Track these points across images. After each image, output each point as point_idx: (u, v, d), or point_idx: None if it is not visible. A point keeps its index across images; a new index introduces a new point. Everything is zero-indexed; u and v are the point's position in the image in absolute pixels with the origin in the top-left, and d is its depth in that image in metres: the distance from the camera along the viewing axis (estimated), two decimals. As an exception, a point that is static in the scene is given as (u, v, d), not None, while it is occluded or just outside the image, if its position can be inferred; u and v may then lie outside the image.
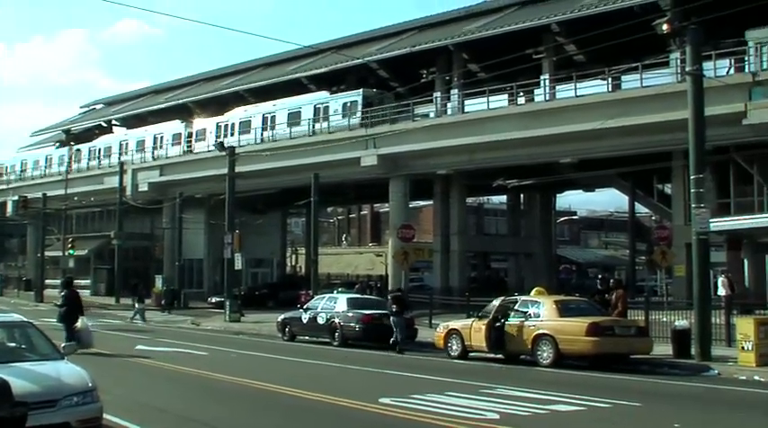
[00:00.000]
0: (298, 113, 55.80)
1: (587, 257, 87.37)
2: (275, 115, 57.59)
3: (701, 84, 22.99)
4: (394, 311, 28.16)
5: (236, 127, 59.64)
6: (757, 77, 37.62)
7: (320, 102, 54.83)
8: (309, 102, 55.58)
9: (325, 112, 53.98)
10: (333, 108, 53.74)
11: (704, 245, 22.73)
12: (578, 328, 21.50)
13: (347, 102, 53.02)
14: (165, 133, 66.55)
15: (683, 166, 37.48)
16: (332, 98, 54.93)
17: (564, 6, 48.90)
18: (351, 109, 52.40)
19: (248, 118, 59.43)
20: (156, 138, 67.21)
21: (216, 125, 61.46)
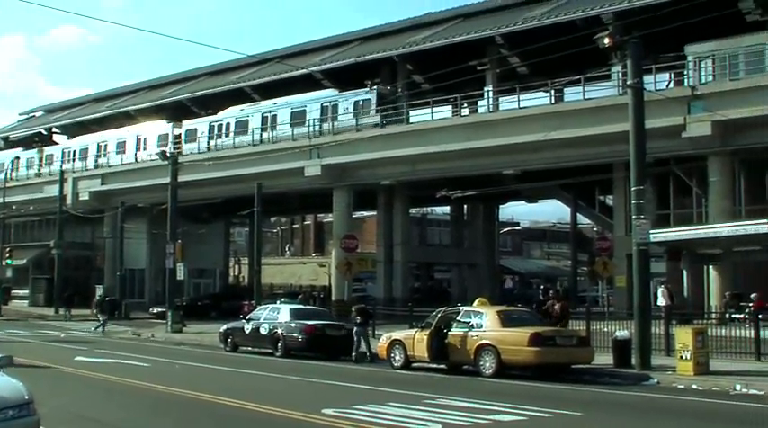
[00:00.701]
0: (302, 113, 52.97)
1: (530, 268, 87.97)
2: (276, 114, 54.70)
3: (642, 98, 23.28)
4: (358, 323, 28.73)
5: (232, 126, 57.12)
6: (696, 91, 38.28)
7: (328, 100, 52.52)
8: (315, 100, 53.00)
9: (333, 111, 51.55)
10: (342, 106, 51.37)
11: (644, 256, 22.98)
12: (520, 338, 21.60)
13: (359, 100, 50.87)
14: (149, 136, 62.84)
15: (624, 178, 37.98)
16: (341, 96, 52.45)
17: (508, 19, 49.35)
18: (364, 107, 50.42)
19: (245, 117, 56.53)
20: (139, 140, 63.45)
21: (209, 125, 58.77)
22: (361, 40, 59.89)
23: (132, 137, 63.95)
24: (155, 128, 62.73)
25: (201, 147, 57.53)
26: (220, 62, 67.51)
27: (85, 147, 67.78)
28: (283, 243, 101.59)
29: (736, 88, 37.84)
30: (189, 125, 60.21)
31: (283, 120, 53.47)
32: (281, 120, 53.57)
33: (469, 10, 56.28)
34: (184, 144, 58.02)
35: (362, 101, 50.36)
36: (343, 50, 58.69)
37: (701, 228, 38.33)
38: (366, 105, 50.08)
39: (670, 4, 40.35)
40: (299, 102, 53.22)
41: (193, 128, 59.57)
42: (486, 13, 54.09)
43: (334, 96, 52.43)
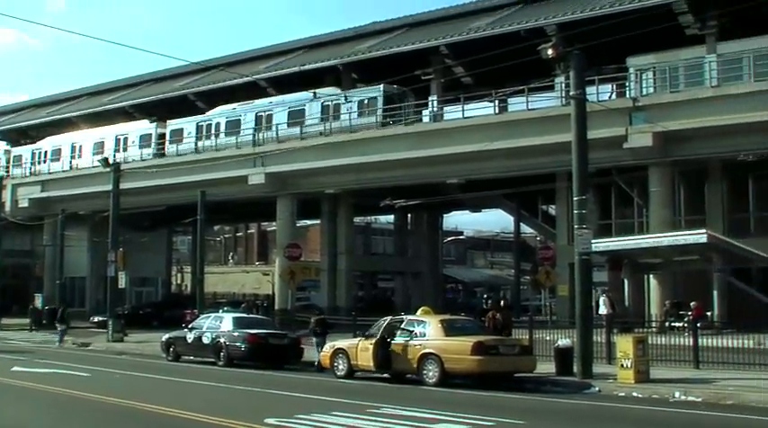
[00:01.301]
0: (301, 112, 50.55)
1: (473, 277, 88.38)
2: (271, 114, 52.09)
3: (584, 108, 23.51)
4: (318, 332, 29.10)
5: (222, 126, 54.34)
6: (637, 103, 38.86)
7: (330, 99, 49.99)
8: (316, 99, 50.27)
9: (335, 110, 49.29)
10: (346, 105, 49.03)
11: (586, 266, 23.18)
12: (463, 347, 21.66)
13: (364, 100, 48.74)
14: (131, 134, 60.08)
15: (567, 188, 38.38)
16: (345, 94, 50.20)
17: (453, 29, 49.65)
18: (369, 106, 48.24)
19: (237, 116, 53.84)
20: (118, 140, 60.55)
21: (196, 125, 55.93)
22: (307, 49, 59.86)
23: (88, 141, 61.95)
24: (128, 128, 60.38)
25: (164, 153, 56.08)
26: (164, 69, 67.13)
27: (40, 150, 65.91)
28: (227, 251, 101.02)
29: (675, 100, 38.50)
30: (174, 125, 57.23)
31: (280, 119, 51.22)
32: (277, 120, 51.29)
33: (415, 19, 56.53)
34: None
35: (368, 99, 48.50)
36: (287, 58, 58.60)
37: (642, 238, 38.88)
38: (372, 104, 48.06)
39: (612, 16, 40.98)
40: (298, 101, 50.93)
41: (179, 128, 56.80)
42: (431, 23, 54.37)
43: (338, 95, 50.22)
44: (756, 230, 42.47)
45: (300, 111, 50.32)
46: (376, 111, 47.40)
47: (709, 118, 37.23)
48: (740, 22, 39.19)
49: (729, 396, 18.50)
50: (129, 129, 59.70)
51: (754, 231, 42.38)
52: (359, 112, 47.96)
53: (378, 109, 47.32)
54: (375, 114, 47.24)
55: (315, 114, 49.73)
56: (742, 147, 37.58)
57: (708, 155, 40.19)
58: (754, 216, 43.25)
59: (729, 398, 18.39)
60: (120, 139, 59.21)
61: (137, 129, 59.44)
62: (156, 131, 57.61)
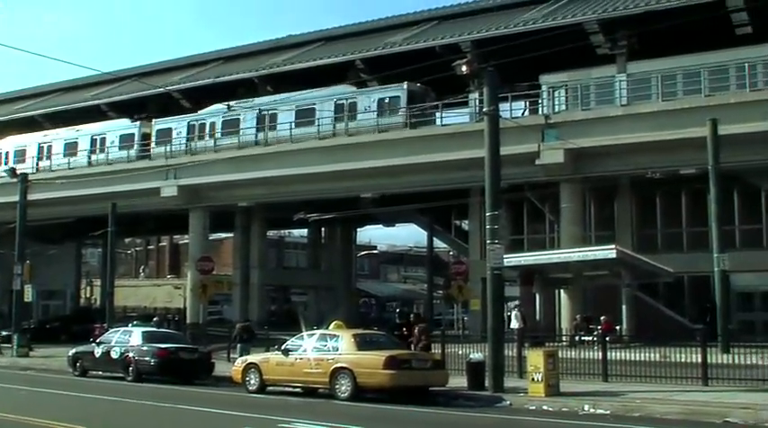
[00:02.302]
0: (310, 111, 46.83)
1: (387, 291, 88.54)
2: (276, 113, 48.26)
3: (497, 125, 23.73)
4: (243, 339, 30.24)
5: (218, 126, 50.24)
6: (549, 120, 39.45)
7: (344, 97, 46.32)
8: (328, 97, 46.39)
9: (351, 110, 45.54)
10: (363, 105, 45.67)
11: (498, 280, 23.34)
12: (376, 361, 21.62)
13: (385, 98, 45.17)
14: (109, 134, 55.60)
15: (480, 203, 38.60)
16: (362, 92, 46.59)
17: (369, 44, 49.83)
18: (390, 106, 44.62)
19: (235, 116, 49.39)
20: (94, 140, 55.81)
21: (188, 125, 51.73)
22: (222, 60, 59.48)
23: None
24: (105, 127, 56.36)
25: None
26: (77, 78, 65.75)
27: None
28: (138, 264, 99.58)
29: (586, 118, 39.21)
30: (162, 124, 52.86)
31: (285, 119, 47.47)
32: (282, 120, 47.81)
33: (331, 33, 56.65)
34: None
35: (389, 98, 44.98)
36: (202, 70, 58.13)
37: (553, 253, 39.38)
38: (394, 103, 44.73)
39: (526, 34, 41.56)
40: (306, 99, 47.22)
41: (166, 127, 52.34)
42: (347, 37, 54.54)
43: (352, 93, 46.89)
44: (663, 246, 43.37)
45: (309, 110, 46.94)
46: (397, 111, 44.13)
47: (618, 136, 38.00)
48: (649, 43, 40.07)
49: (636, 409, 18.80)
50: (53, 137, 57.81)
51: (661, 247, 43.28)
52: (379, 112, 44.70)
53: (401, 108, 44.03)
54: (398, 113, 44.19)
55: (326, 113, 45.99)
56: (650, 165, 38.35)
57: (617, 172, 40.97)
58: (661, 232, 44.14)
59: (637, 410, 18.68)
60: (44, 147, 57.48)
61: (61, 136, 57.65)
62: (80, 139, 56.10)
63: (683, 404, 18.88)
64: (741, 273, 38.73)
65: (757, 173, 39.73)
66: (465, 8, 52.99)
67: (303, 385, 23.60)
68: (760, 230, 41.99)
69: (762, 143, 36.25)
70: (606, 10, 42.66)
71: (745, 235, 41.70)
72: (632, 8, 41.68)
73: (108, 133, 54.52)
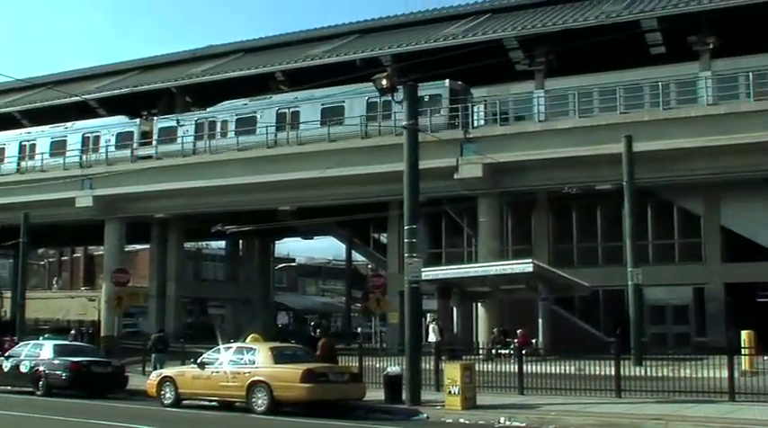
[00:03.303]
0: (337, 109, 43.77)
1: (305, 304, 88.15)
2: (298, 110, 45.30)
3: (416, 138, 23.79)
4: (158, 350, 30.74)
5: (231, 124, 46.73)
6: (468, 135, 39.74)
7: (375, 95, 40.18)
8: (359, 94, 42.73)
9: (384, 108, 42.25)
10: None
11: (416, 294, 23.38)
12: (293, 375, 21.47)
13: (424, 96, 39.72)
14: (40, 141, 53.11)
15: (399, 216, 38.72)
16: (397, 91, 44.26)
17: (289, 56, 49.76)
18: (431, 103, 41.34)
19: (251, 113, 46.43)
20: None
21: (195, 123, 48.38)
22: (140, 70, 58.80)
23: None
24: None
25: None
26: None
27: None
28: (51, 275, 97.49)
29: (505, 133, 39.65)
30: (166, 122, 49.51)
31: (308, 118, 44.69)
32: (305, 118, 45.07)
33: (251, 45, 56.48)
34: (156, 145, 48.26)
35: (429, 96, 41.22)
36: (120, 79, 57.40)
37: (471, 267, 39.65)
38: (434, 101, 41.79)
39: (447, 49, 41.93)
40: (334, 96, 43.90)
41: (170, 125, 49.07)
42: (268, 49, 54.43)
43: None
44: (579, 260, 43.94)
45: (337, 109, 44.02)
46: (439, 111, 41.36)
47: (536, 151, 38.51)
48: (567, 60, 40.75)
49: (552, 421, 18.98)
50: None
51: (577, 261, 43.84)
52: (421, 111, 42.57)
53: (442, 108, 41.52)
54: (439, 113, 41.29)
55: (357, 112, 43.09)
56: (567, 180, 38.92)
57: (535, 187, 41.48)
58: (577, 246, 44.72)
59: (552, 422, 18.86)
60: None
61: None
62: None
63: (597, 416, 19.12)
64: (654, 287, 39.45)
65: (670, 189, 40.61)
66: (386, 22, 53.28)
67: (219, 398, 23.33)
68: (672, 245, 42.85)
69: (675, 160, 37.12)
70: (525, 27, 43.29)
71: (657, 250, 42.52)
72: (551, 26, 42.35)
73: (38, 139, 53.13)
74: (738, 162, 36.66)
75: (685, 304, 41.90)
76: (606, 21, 40.82)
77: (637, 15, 40.99)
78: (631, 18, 40.80)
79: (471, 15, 49.57)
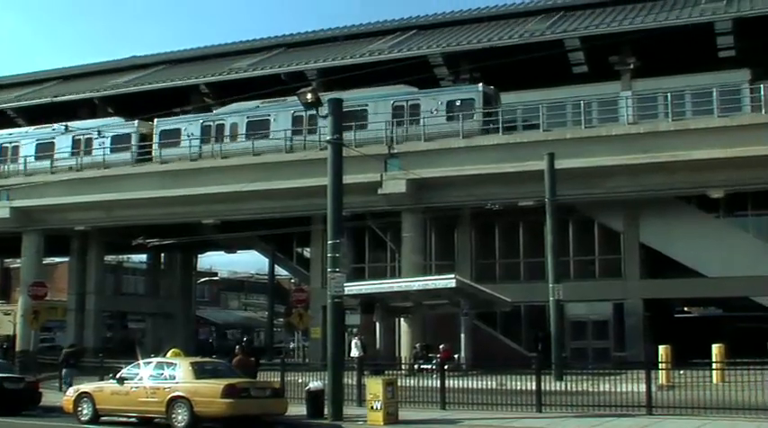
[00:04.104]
0: (360, 113, 41.00)
1: (227, 318, 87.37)
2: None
3: (341, 153, 23.72)
4: (69, 364, 30.36)
5: (242, 127, 44.56)
6: (393, 150, 39.81)
7: (403, 98, 41.51)
8: (384, 97, 41.50)
9: (412, 113, 41.05)
10: (427, 107, 40.86)
11: (339, 309, 23.30)
12: (214, 390, 21.21)
13: (456, 101, 40.71)
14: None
15: (322, 231, 38.60)
16: (427, 94, 41.45)
17: (214, 68, 49.51)
18: (463, 108, 40.10)
19: (264, 116, 43.96)
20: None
21: (201, 125, 45.69)
22: (61, 79, 57.95)
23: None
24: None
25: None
26: None
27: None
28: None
29: (429, 149, 39.77)
30: (167, 124, 46.60)
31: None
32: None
33: (176, 56, 56.07)
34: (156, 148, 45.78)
35: (461, 101, 40.46)
36: (40, 88, 56.42)
37: (394, 282, 39.65)
38: (467, 106, 40.25)
39: (372, 64, 42.10)
40: (357, 99, 40.65)
41: (174, 128, 46.37)
42: (192, 61, 54.11)
43: (414, 93, 41.71)
44: (502, 276, 44.29)
45: (359, 112, 41.18)
46: (473, 115, 40.03)
47: (460, 167, 38.77)
48: (491, 77, 41.09)
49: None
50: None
51: (499, 277, 44.18)
52: (448, 115, 40.27)
53: (476, 111, 40.14)
54: (472, 118, 39.93)
55: (382, 116, 41.20)
56: (490, 197, 39.20)
57: (458, 203, 41.71)
58: (500, 262, 45.06)
59: (473, 438, 18.92)
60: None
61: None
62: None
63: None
64: (574, 303, 39.95)
65: (591, 206, 41.22)
66: (311, 36, 53.36)
67: (139, 415, 22.91)
68: (593, 261, 43.45)
69: (596, 177, 37.69)
70: (450, 44, 43.73)
71: (578, 266, 43.06)
72: (476, 43, 42.86)
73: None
74: (657, 180, 37.45)
75: (605, 319, 42.47)
76: (530, 39, 41.44)
77: (560, 35, 41.75)
78: (554, 37, 41.52)
79: (398, 31, 49.91)
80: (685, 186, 37.90)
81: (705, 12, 40.49)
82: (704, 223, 40.90)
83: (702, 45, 39.65)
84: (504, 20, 47.37)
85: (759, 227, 40.81)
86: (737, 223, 41.41)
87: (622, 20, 42.04)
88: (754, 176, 36.16)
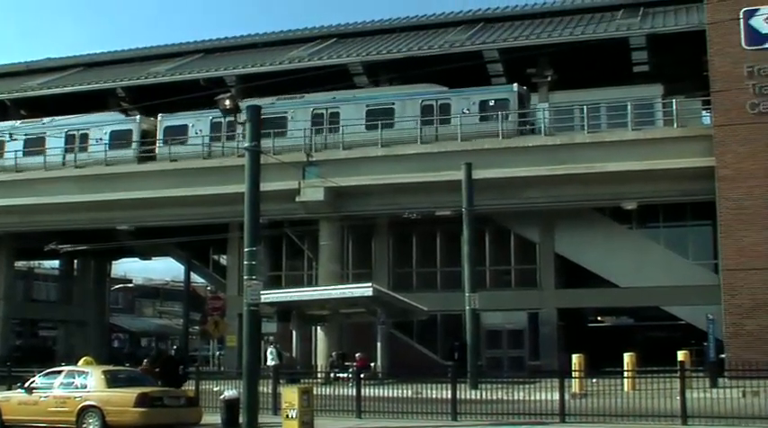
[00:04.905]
0: (385, 111, 40.54)
1: (141, 326, 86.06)
2: (338, 111, 41.54)
3: (259, 160, 23.55)
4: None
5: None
6: (311, 158, 39.76)
7: (432, 97, 40.73)
8: (411, 96, 40.71)
9: (443, 112, 40.02)
10: (459, 107, 39.82)
11: (255, 316, 23.08)
12: (126, 399, 20.87)
13: (489, 101, 39.87)
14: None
15: (240, 238, 38.40)
16: (458, 93, 40.24)
17: (132, 72, 48.92)
18: (497, 108, 39.18)
19: (281, 113, 41.78)
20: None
21: (210, 122, 43.00)
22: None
23: None
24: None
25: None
26: None
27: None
28: None
29: (348, 157, 39.82)
30: (172, 120, 44.15)
31: (349, 116, 41.03)
32: (346, 117, 41.22)
33: (92, 59, 55.22)
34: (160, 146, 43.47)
35: (495, 101, 39.68)
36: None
37: (311, 290, 39.63)
38: (502, 106, 39.40)
39: (292, 72, 42.02)
40: (381, 98, 41.14)
41: (180, 124, 43.94)
42: (110, 65, 53.34)
43: (445, 93, 40.61)
44: (419, 285, 44.48)
45: (385, 110, 40.73)
46: (507, 116, 39.01)
47: (378, 176, 38.90)
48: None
49: (389, 445, 19.06)
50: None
51: (416, 286, 44.37)
52: (481, 116, 39.46)
53: (513, 112, 39.31)
54: (508, 119, 39.06)
55: (408, 114, 40.41)
56: (408, 206, 39.36)
57: (376, 211, 41.82)
58: (417, 271, 45.25)
59: (388, 447, 18.94)
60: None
61: None
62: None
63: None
64: (490, 312, 40.26)
65: (508, 216, 41.67)
66: (231, 42, 53.03)
67: (48, 425, 22.36)
68: (509, 271, 43.92)
69: (512, 188, 38.13)
70: (370, 53, 43.88)
71: (494, 275, 43.48)
72: (395, 52, 43.05)
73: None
74: (573, 191, 38.02)
75: (520, 328, 42.92)
76: (450, 50, 41.76)
77: (479, 46, 42.17)
78: (474, 48, 41.90)
79: (317, 39, 49.88)
80: (600, 198, 38.53)
81: (621, 27, 41.30)
82: (617, 234, 41.64)
83: (618, 59, 40.41)
84: (424, 30, 47.64)
85: (670, 239, 41.66)
86: (649, 234, 42.22)
87: (540, 33, 42.62)
88: (665, 188, 37.01)
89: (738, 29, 34.22)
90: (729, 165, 33.95)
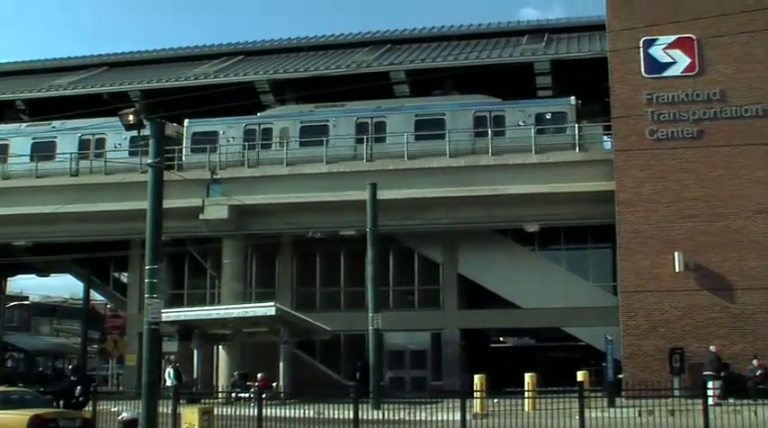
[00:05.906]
0: (437, 122, 39.24)
1: (37, 345, 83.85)
2: (384, 120, 39.95)
3: (162, 177, 23.22)
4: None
5: (293, 131, 40.56)
6: (215, 175, 39.42)
7: (485, 109, 39.23)
8: (463, 107, 39.44)
9: (496, 124, 38.52)
10: (513, 119, 38.46)
11: (155, 335, 22.70)
12: (19, 422, 20.32)
13: (546, 113, 38.59)
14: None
15: (141, 256, 37.83)
16: (514, 105, 38.93)
17: (33, 84, 48.06)
18: (553, 121, 38.19)
19: (322, 121, 40.52)
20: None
21: (244, 128, 41.32)
22: None
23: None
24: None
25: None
26: None
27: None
28: None
29: (253, 175, 39.59)
30: (201, 126, 41.77)
31: (396, 126, 39.41)
32: (393, 129, 39.54)
33: (-9, 70, 53.94)
34: (188, 153, 41.22)
35: (552, 114, 38.46)
36: None
37: (213, 309, 39.20)
38: (558, 119, 38.30)
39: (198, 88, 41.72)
40: (433, 108, 39.80)
41: (210, 130, 41.59)
42: (9, 75, 52.15)
43: (500, 104, 39.31)
44: (322, 304, 44.33)
45: (437, 121, 39.29)
46: (565, 129, 37.94)
47: (283, 195, 38.69)
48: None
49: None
50: None
51: (320, 305, 44.20)
52: (538, 129, 37.94)
53: (567, 125, 37.89)
54: (565, 133, 37.94)
55: (460, 125, 39.00)
56: (312, 225, 39.20)
57: (280, 230, 41.58)
58: (320, 291, 45.10)
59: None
60: None
61: None
62: None
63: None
64: (393, 332, 40.34)
65: (412, 237, 41.85)
66: (136, 57, 52.44)
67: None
68: (412, 291, 44.08)
69: (416, 209, 38.31)
70: (277, 71, 43.83)
71: (398, 295, 43.57)
72: (302, 71, 43.13)
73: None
74: (476, 213, 38.35)
75: (423, 349, 43.05)
76: (357, 70, 41.99)
77: (386, 67, 42.54)
78: (381, 69, 42.23)
79: (224, 56, 49.64)
80: (502, 220, 38.95)
81: (525, 52, 42.01)
82: (520, 256, 42.11)
83: (523, 83, 41.02)
84: (333, 50, 47.81)
85: (570, 261, 42.33)
86: (551, 256, 42.83)
87: (447, 56, 43.09)
88: (567, 212, 37.59)
89: (638, 57, 35.00)
90: (628, 190, 34.64)
